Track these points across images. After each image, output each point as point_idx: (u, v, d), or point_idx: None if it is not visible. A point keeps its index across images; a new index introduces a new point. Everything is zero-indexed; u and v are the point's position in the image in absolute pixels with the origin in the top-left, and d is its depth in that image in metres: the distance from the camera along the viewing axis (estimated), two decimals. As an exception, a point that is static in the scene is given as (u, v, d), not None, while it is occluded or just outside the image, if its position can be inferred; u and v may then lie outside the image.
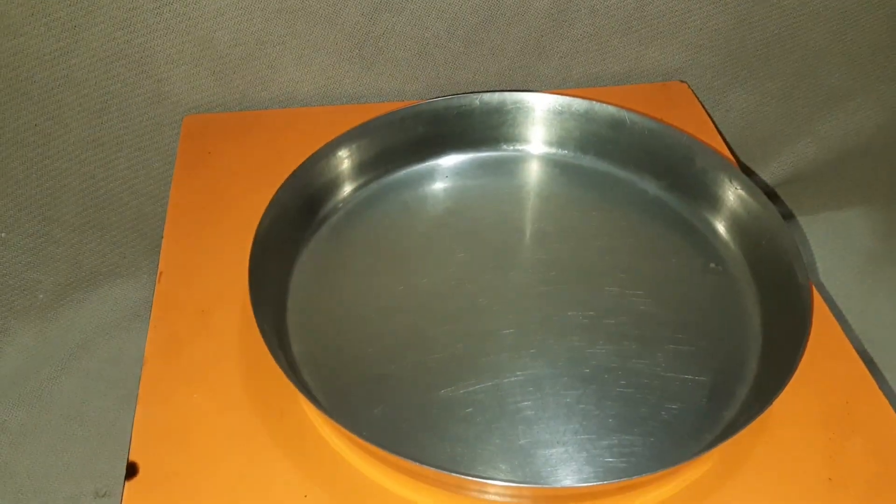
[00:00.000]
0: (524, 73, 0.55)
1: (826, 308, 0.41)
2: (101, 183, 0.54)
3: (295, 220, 0.43)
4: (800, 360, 0.34)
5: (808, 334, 0.35)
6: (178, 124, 0.52)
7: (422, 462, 0.31)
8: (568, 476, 0.34)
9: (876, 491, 0.34)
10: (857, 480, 0.34)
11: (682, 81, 0.56)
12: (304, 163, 0.43)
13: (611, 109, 0.47)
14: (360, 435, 0.31)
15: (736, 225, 0.44)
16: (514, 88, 0.49)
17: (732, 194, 0.44)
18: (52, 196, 0.54)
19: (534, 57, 0.54)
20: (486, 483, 0.32)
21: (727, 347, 0.39)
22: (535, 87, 0.50)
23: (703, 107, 0.53)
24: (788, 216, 0.61)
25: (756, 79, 0.58)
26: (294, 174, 0.42)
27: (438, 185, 0.47)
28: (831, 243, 0.59)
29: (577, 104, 0.48)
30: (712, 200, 0.45)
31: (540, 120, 0.49)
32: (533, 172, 0.49)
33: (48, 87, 0.49)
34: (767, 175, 0.63)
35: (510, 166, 0.49)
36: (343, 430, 0.32)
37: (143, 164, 0.54)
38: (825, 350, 0.38)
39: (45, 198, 0.54)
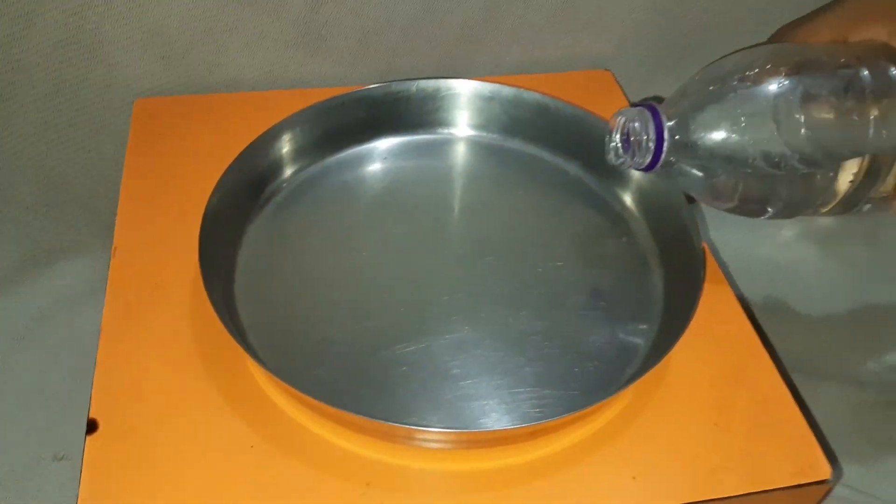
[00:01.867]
0: (460, 62, 0.58)
1: (721, 274, 0.46)
2: (54, 164, 0.56)
3: (242, 198, 0.46)
4: (691, 319, 0.39)
5: (699, 296, 0.40)
6: (129, 107, 0.54)
7: (357, 413, 0.34)
8: (489, 424, 0.38)
9: (754, 433, 0.39)
10: (739, 426, 0.39)
11: (606, 70, 0.60)
12: (250, 145, 0.46)
13: (536, 96, 0.51)
14: (301, 389, 0.35)
15: (642, 198, 0.49)
16: (449, 75, 0.53)
17: (644, 177, 0.48)
18: (6, 177, 0.55)
19: (469, 46, 0.57)
20: (414, 430, 0.36)
21: (634, 311, 0.44)
22: (470, 75, 0.53)
23: (625, 94, 0.58)
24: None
25: (678, 68, 0.62)
26: (240, 156, 0.45)
27: (377, 166, 0.51)
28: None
29: (506, 91, 0.52)
30: (622, 178, 0.49)
31: (472, 105, 0.52)
32: (464, 154, 0.52)
33: (1, 72, 0.51)
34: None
35: (444, 148, 0.52)
36: (286, 386, 0.36)
37: (96, 146, 0.56)
38: (719, 313, 0.43)
39: (-1, 178, 0.55)
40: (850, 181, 0.40)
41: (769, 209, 0.39)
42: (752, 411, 0.39)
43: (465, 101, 0.52)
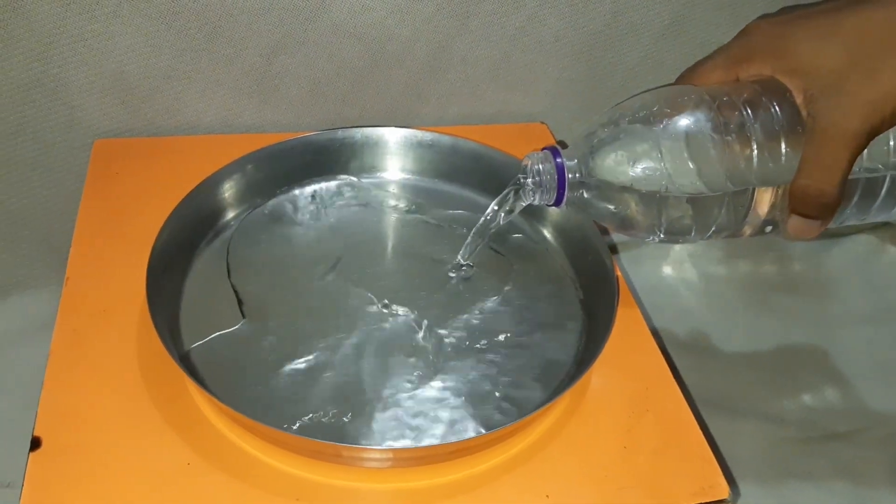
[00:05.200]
0: (405, 112, 0.62)
1: (636, 308, 0.49)
2: (13, 200, 0.58)
3: (190, 233, 0.49)
4: (603, 347, 0.42)
5: (612, 325, 0.43)
6: (88, 147, 0.56)
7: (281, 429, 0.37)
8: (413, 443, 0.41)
9: (659, 456, 0.42)
10: (645, 449, 0.42)
11: (542, 123, 0.64)
12: (199, 184, 0.49)
13: (473, 145, 0.55)
14: (233, 408, 0.37)
15: (560, 233, 0.53)
16: (396, 125, 0.57)
17: (560, 213, 0.53)
18: (-35, 212, 0.57)
19: (413, 98, 0.61)
20: (340, 447, 0.38)
21: (554, 340, 0.47)
22: (414, 124, 0.57)
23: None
24: (614, 250, 0.69)
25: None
26: (190, 194, 0.48)
27: (321, 206, 0.54)
28: (646, 269, 0.68)
29: (445, 139, 0.55)
30: (547, 218, 0.54)
31: (413, 152, 0.56)
32: (404, 197, 0.56)
33: (-34, 111, 0.54)
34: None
35: (385, 191, 0.56)
36: (221, 405, 0.38)
37: (55, 184, 0.58)
38: (632, 344, 0.47)
39: (-43, 213, 0.57)
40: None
41: (666, 234, 0.42)
42: (658, 435, 0.43)
43: (406, 149, 0.56)
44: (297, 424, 0.41)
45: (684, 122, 0.39)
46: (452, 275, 0.51)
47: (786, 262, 0.71)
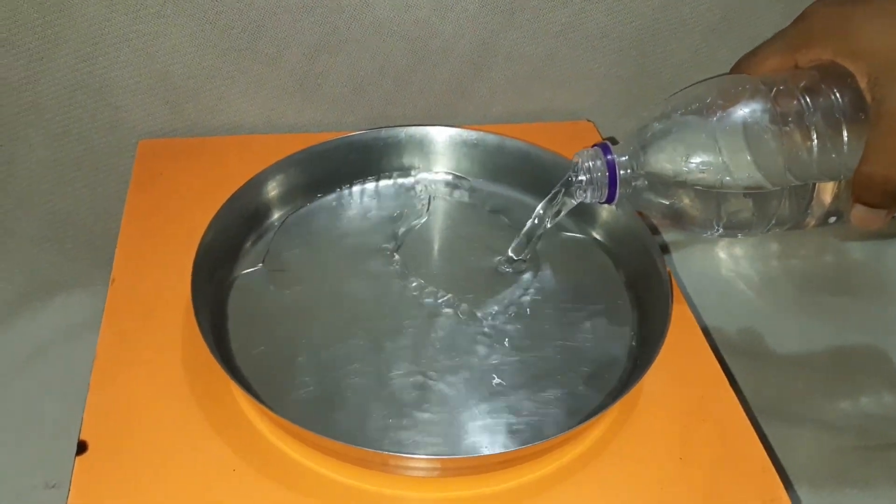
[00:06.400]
0: (448, 110, 0.61)
1: (688, 311, 0.48)
2: (59, 200, 0.58)
3: (234, 234, 0.48)
4: (657, 353, 0.41)
5: (667, 330, 0.42)
6: (133, 148, 0.56)
7: (334, 438, 0.36)
8: (464, 452, 0.40)
9: (717, 468, 0.40)
10: (703, 460, 0.40)
11: (588, 121, 0.63)
12: (243, 185, 0.48)
13: (519, 144, 0.54)
14: (281, 414, 0.37)
15: (609, 234, 0.51)
16: (439, 124, 0.56)
17: (613, 217, 0.51)
18: (13, 211, 0.58)
19: (457, 96, 0.60)
20: (388, 456, 0.38)
21: (605, 345, 0.46)
22: (458, 123, 0.56)
23: (606, 143, 0.60)
24: (665, 250, 0.68)
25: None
26: (234, 195, 0.47)
27: (365, 207, 0.53)
28: (699, 269, 0.66)
29: (490, 138, 0.54)
30: (599, 222, 0.52)
31: (458, 151, 0.55)
32: (449, 197, 0.55)
33: (14, 112, 0.54)
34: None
35: (430, 190, 0.55)
36: (267, 411, 0.37)
37: (100, 184, 0.58)
38: (685, 349, 0.45)
39: (5, 212, 0.57)
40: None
41: (724, 229, 0.41)
42: (715, 445, 0.41)
43: (451, 148, 0.55)
44: (344, 430, 0.40)
45: (740, 113, 0.38)
46: (505, 269, 0.49)
47: (842, 260, 0.68)
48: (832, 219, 0.42)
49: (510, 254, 0.49)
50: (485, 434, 0.41)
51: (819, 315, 0.63)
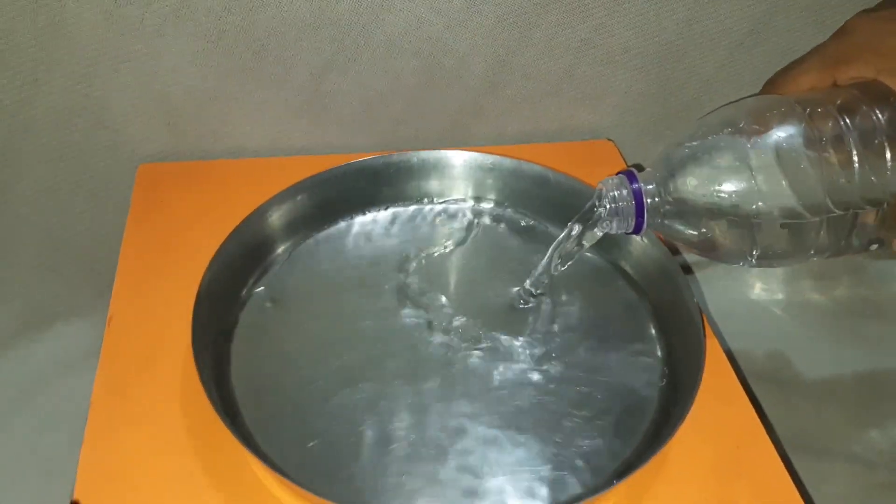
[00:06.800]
0: (462, 131, 0.58)
1: (723, 357, 0.45)
2: (57, 227, 0.56)
3: (238, 271, 0.46)
4: (690, 406, 0.38)
5: (700, 380, 0.39)
6: (132, 172, 0.54)
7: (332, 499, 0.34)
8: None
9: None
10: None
11: (609, 140, 0.60)
12: (245, 219, 0.46)
13: (537, 168, 0.51)
14: (294, 480, 0.34)
15: (645, 278, 0.48)
16: (452, 145, 0.53)
17: (638, 245, 0.48)
18: (8, 239, 0.55)
19: (471, 116, 0.58)
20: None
21: (634, 383, 0.43)
22: (472, 143, 0.54)
23: (627, 164, 0.58)
24: (688, 270, 0.65)
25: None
26: (236, 230, 0.45)
27: (376, 237, 0.50)
28: (726, 295, 0.63)
29: (507, 162, 0.52)
30: (622, 250, 0.49)
31: (472, 176, 0.52)
32: (463, 225, 0.52)
33: (8, 136, 0.51)
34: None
35: (444, 219, 0.52)
36: (285, 480, 0.35)
37: (99, 210, 0.56)
38: (719, 397, 0.42)
39: (1, 240, 0.55)
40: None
41: (759, 260, 0.39)
42: (753, 504, 0.38)
43: (465, 172, 0.52)
44: (356, 488, 0.38)
45: (774, 136, 0.36)
46: (522, 305, 0.47)
47: (874, 285, 0.65)
48: (874, 246, 0.40)
49: (528, 287, 0.46)
50: (505, 494, 0.38)
51: (850, 341, 0.60)
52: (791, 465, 0.42)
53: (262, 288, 0.47)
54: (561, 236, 0.43)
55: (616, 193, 0.40)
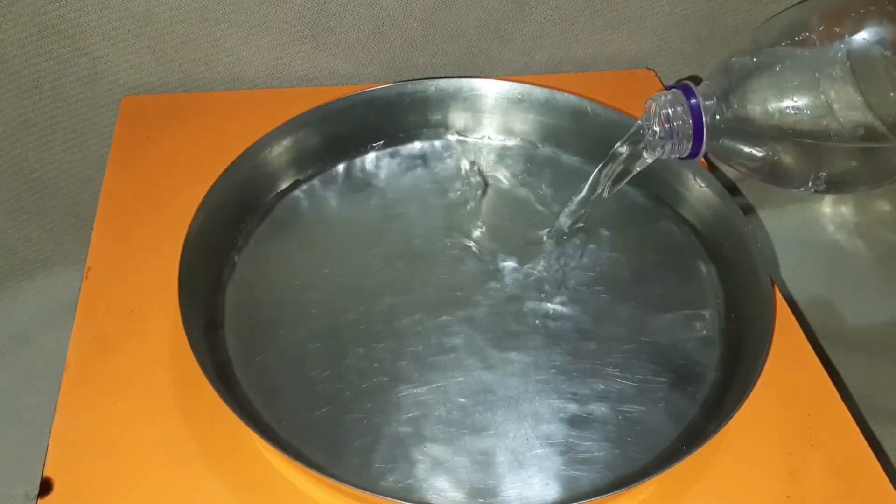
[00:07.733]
0: (484, 58, 0.53)
1: (790, 314, 0.39)
2: (35, 167, 0.52)
3: (231, 215, 0.42)
4: (761, 370, 0.33)
5: (770, 344, 0.34)
6: (116, 105, 0.50)
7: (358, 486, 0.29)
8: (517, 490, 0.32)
9: (835, 509, 0.32)
10: (816, 499, 0.33)
11: (649, 69, 0.55)
12: (241, 154, 0.41)
13: (573, 99, 0.46)
14: (292, 454, 0.30)
15: (699, 221, 0.43)
16: (473, 73, 0.47)
17: (694, 189, 0.43)
18: (-19, 181, 0.51)
19: (494, 41, 0.52)
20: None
21: (689, 342, 0.38)
22: (495, 73, 0.48)
23: (670, 96, 0.52)
24: (749, 209, 0.60)
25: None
26: (230, 167, 0.41)
27: (388, 177, 0.46)
28: (793, 238, 0.57)
29: (538, 92, 0.46)
30: (674, 195, 0.44)
31: (498, 108, 0.47)
32: (488, 164, 0.47)
33: (-27, 65, 0.47)
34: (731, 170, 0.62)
35: (465, 158, 0.47)
36: (286, 457, 0.30)
37: (80, 147, 0.52)
38: (787, 358, 0.37)
39: (-27, 183, 0.51)
40: None
41: (828, 185, 0.35)
42: (830, 482, 0.33)
43: (490, 104, 0.47)
44: (360, 464, 0.33)
45: (853, 42, 0.33)
46: (553, 245, 0.41)
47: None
48: None
49: (560, 224, 0.41)
50: (542, 474, 0.33)
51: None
52: (872, 434, 0.37)
53: (259, 234, 0.42)
54: (603, 163, 0.38)
55: (670, 111, 0.35)
